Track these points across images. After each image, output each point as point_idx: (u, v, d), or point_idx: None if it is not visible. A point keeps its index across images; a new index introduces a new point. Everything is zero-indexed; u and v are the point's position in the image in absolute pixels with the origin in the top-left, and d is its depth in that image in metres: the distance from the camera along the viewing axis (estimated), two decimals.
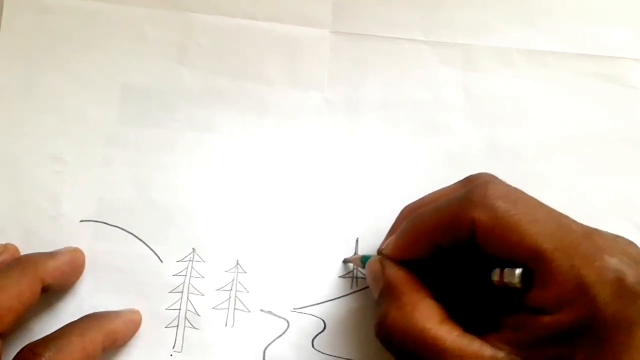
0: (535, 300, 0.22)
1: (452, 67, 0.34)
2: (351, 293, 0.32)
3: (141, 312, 0.31)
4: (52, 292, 0.30)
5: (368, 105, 0.34)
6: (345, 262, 0.32)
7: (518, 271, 0.22)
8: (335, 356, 0.31)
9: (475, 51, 0.34)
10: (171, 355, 0.31)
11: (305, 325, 0.31)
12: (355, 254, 0.32)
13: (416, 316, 0.24)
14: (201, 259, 0.32)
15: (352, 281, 0.32)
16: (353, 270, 0.32)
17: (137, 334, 0.31)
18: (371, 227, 0.32)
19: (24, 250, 0.31)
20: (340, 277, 0.32)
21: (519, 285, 0.22)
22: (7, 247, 0.31)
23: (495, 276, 0.23)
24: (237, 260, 0.32)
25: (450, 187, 0.28)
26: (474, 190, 0.24)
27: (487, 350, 0.22)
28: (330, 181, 0.33)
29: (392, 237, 0.28)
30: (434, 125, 0.34)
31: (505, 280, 0.23)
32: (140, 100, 0.34)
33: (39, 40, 0.34)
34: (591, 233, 0.22)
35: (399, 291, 0.25)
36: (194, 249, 0.32)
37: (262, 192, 0.33)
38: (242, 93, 0.34)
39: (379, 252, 0.29)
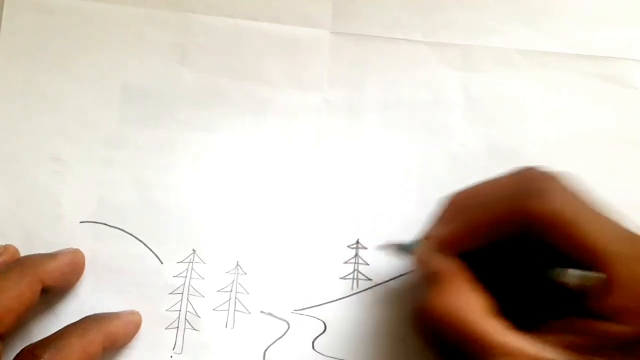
0: (598, 306, 0.21)
1: (451, 67, 0.34)
2: (352, 295, 0.32)
3: (141, 313, 0.31)
4: (52, 293, 0.30)
5: (368, 106, 0.34)
6: (385, 248, 0.31)
7: (581, 273, 0.22)
8: (335, 358, 0.31)
9: (475, 52, 0.34)
10: (171, 357, 0.31)
11: (306, 326, 0.31)
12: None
13: (464, 305, 0.23)
14: (201, 260, 0.32)
15: (353, 282, 0.32)
16: (354, 272, 0.32)
17: (137, 335, 0.31)
18: (372, 227, 0.32)
19: (24, 252, 0.31)
20: (341, 278, 0.32)
21: (582, 290, 0.22)
22: (6, 248, 0.31)
23: (558, 276, 0.23)
24: (238, 262, 0.32)
25: (505, 178, 0.27)
26: (544, 185, 0.24)
27: (535, 349, 0.21)
28: (331, 182, 0.33)
29: (445, 227, 0.27)
30: (434, 125, 0.34)
31: (568, 281, 0.22)
32: (140, 100, 0.34)
33: (39, 40, 0.34)
34: None
35: (448, 278, 0.24)
36: (194, 250, 0.32)
37: (262, 192, 0.33)
38: (242, 93, 0.34)
39: (428, 238, 0.28)
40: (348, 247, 0.32)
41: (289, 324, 0.31)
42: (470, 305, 0.23)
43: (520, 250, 0.24)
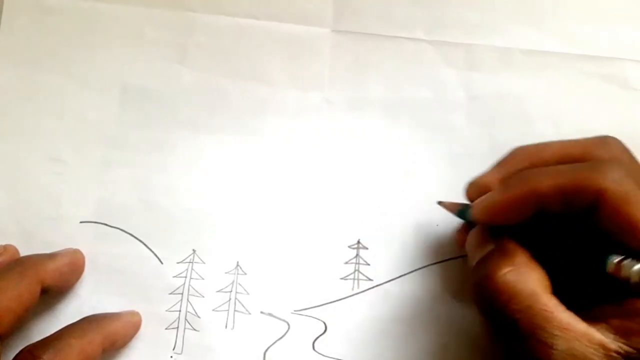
0: None
1: (453, 66, 0.34)
2: (352, 295, 0.32)
3: (141, 313, 0.31)
4: (51, 294, 0.30)
5: (369, 105, 0.34)
6: (441, 203, 0.30)
7: (637, 267, 0.21)
8: (335, 358, 0.31)
9: (477, 50, 0.34)
10: (171, 357, 0.31)
11: (306, 327, 0.31)
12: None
13: (529, 277, 0.23)
14: (201, 260, 0.32)
15: (353, 283, 0.32)
16: (354, 272, 0.32)
17: (137, 335, 0.31)
18: (372, 227, 0.32)
19: (24, 251, 0.31)
20: (341, 278, 0.32)
21: (636, 282, 0.21)
22: (6, 248, 0.31)
23: (610, 266, 0.22)
24: (237, 262, 0.32)
25: (577, 142, 0.26)
26: (607, 161, 0.23)
27: (595, 332, 0.21)
28: (331, 182, 0.33)
29: (507, 192, 0.25)
30: (436, 124, 0.33)
31: (621, 273, 0.22)
32: (140, 100, 0.33)
33: (39, 41, 0.34)
34: None
35: (513, 252, 0.24)
36: (194, 250, 0.32)
37: (262, 192, 0.33)
38: (243, 93, 0.34)
39: (472, 185, 0.28)
40: (349, 247, 0.32)
41: (289, 324, 0.31)
42: (534, 279, 0.23)
43: (569, 231, 0.24)
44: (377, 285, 0.32)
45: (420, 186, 0.33)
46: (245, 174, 0.33)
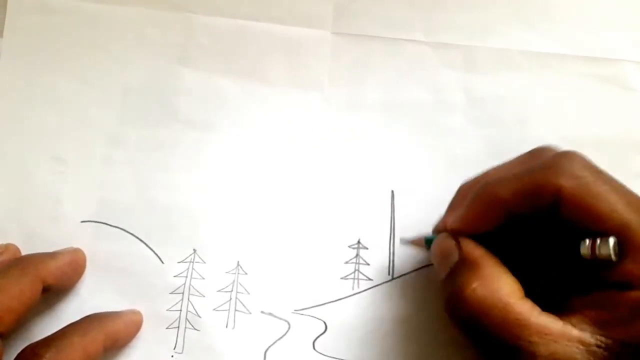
0: (622, 275, 0.21)
1: (452, 68, 0.34)
2: (352, 295, 0.32)
3: (142, 312, 0.31)
4: (52, 293, 0.30)
5: (368, 106, 0.34)
6: (403, 241, 0.31)
7: (612, 241, 0.22)
8: (336, 358, 0.31)
9: (476, 52, 0.34)
10: (172, 356, 0.31)
11: (306, 326, 0.31)
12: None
13: (499, 289, 0.23)
14: (202, 259, 0.32)
15: (354, 282, 0.32)
16: (354, 272, 0.32)
17: (138, 334, 0.31)
18: (372, 227, 0.32)
19: (25, 250, 0.31)
20: (341, 278, 0.32)
21: (613, 257, 0.21)
22: (7, 247, 0.31)
23: (585, 248, 0.22)
24: (238, 261, 0.32)
25: (517, 159, 0.27)
26: (558, 159, 0.24)
27: (572, 329, 0.21)
28: (331, 182, 0.33)
29: (459, 211, 0.27)
30: (435, 126, 0.34)
31: (598, 252, 0.22)
32: (141, 100, 0.34)
33: (41, 41, 0.34)
34: None
35: (479, 264, 0.24)
36: (194, 250, 0.32)
37: (262, 192, 0.33)
38: (243, 93, 0.34)
39: (437, 230, 0.28)
40: (349, 246, 0.32)
41: (289, 324, 0.31)
42: (503, 288, 0.23)
43: (536, 230, 0.24)
44: (377, 285, 0.32)
45: (419, 187, 0.33)
46: (246, 174, 0.33)
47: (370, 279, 0.32)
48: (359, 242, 0.32)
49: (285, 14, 0.34)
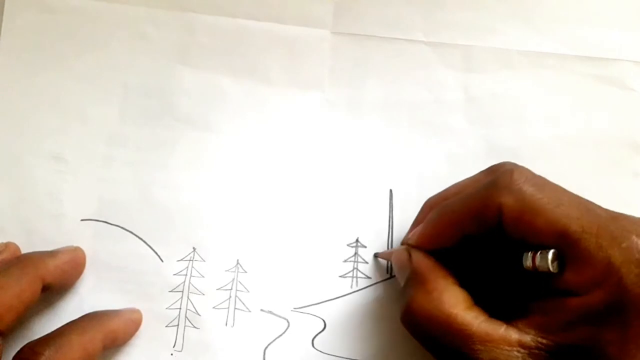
0: (564, 283, 0.22)
1: (452, 67, 0.34)
2: (351, 292, 0.32)
3: (141, 311, 0.31)
4: (52, 291, 0.30)
5: (368, 106, 0.34)
6: (376, 256, 0.32)
7: (550, 253, 0.22)
8: (335, 355, 0.31)
9: (475, 52, 0.34)
10: (171, 354, 0.31)
11: (305, 324, 0.31)
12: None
13: (443, 301, 0.24)
14: (201, 258, 0.32)
15: (352, 280, 0.32)
16: (353, 270, 0.32)
17: (137, 333, 0.31)
18: (371, 226, 0.32)
19: (25, 249, 0.31)
20: (340, 276, 0.32)
21: (552, 269, 0.22)
22: (7, 246, 0.31)
23: (527, 261, 0.23)
24: (237, 260, 0.32)
25: (473, 177, 0.28)
26: (499, 177, 0.24)
27: (513, 334, 0.22)
28: (330, 181, 0.33)
29: (419, 227, 0.28)
30: (434, 125, 0.34)
31: (537, 264, 0.23)
32: (141, 99, 0.34)
33: (40, 40, 0.34)
34: (617, 216, 0.22)
35: (425, 277, 0.25)
36: (194, 248, 0.32)
37: (262, 191, 0.33)
38: (243, 93, 0.34)
39: (404, 242, 0.29)
40: (347, 245, 0.32)
41: (288, 322, 0.31)
42: (448, 300, 0.24)
43: (493, 241, 0.25)
44: (375, 283, 0.32)
45: (418, 186, 0.33)
46: (246, 172, 0.33)
47: (368, 277, 0.32)
48: (357, 240, 0.32)
49: (286, 14, 0.34)
